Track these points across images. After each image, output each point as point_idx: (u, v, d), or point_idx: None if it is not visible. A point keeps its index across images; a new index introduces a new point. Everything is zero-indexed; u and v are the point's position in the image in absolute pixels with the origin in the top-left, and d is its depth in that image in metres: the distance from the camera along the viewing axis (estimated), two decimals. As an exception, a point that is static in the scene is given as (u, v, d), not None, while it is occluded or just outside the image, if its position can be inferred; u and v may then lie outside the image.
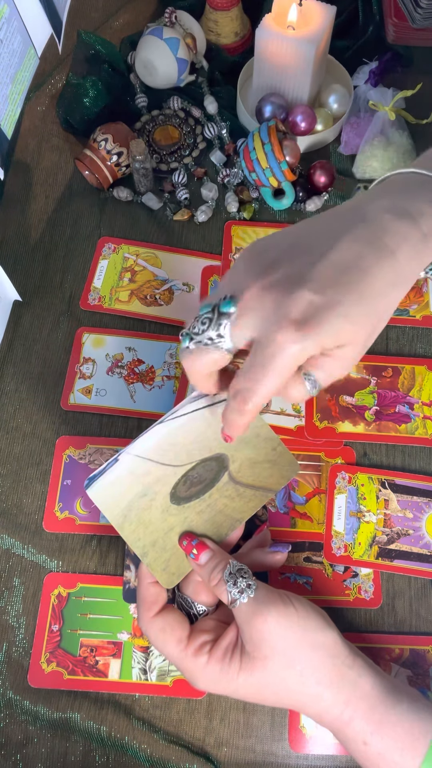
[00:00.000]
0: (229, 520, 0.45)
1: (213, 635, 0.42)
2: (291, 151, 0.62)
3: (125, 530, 0.43)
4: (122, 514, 0.43)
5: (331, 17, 0.63)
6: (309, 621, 0.41)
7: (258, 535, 0.49)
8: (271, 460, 0.46)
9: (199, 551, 0.42)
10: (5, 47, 0.52)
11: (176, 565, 0.43)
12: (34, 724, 0.47)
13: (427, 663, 0.48)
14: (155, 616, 0.42)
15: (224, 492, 0.45)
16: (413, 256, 0.36)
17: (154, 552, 0.43)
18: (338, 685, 0.40)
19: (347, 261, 0.34)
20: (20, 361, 0.59)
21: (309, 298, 0.33)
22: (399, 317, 0.60)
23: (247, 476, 0.46)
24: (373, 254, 0.35)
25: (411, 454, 0.55)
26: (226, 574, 0.41)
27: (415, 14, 0.69)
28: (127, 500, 0.43)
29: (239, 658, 0.40)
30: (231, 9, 0.71)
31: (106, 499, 0.43)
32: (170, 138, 0.69)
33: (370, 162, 0.66)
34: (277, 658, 0.39)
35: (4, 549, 0.52)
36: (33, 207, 0.66)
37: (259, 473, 0.46)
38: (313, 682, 0.40)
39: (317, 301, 0.33)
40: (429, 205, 0.37)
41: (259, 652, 0.40)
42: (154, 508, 0.43)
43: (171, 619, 0.42)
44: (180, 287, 0.62)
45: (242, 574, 0.41)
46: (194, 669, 0.41)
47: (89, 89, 0.67)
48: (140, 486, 0.43)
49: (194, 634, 0.42)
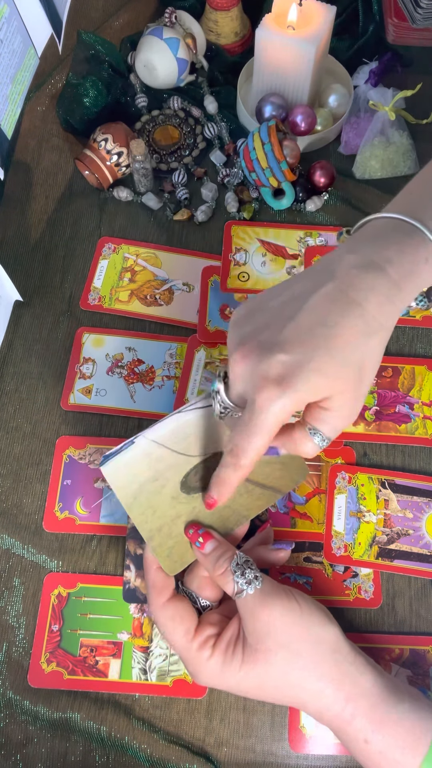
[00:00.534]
0: (236, 515, 0.45)
1: (218, 629, 0.42)
2: (291, 151, 0.62)
3: (134, 511, 0.43)
4: (133, 495, 0.44)
5: (331, 17, 0.63)
6: (312, 616, 0.41)
7: (261, 532, 0.49)
8: (282, 462, 0.47)
9: (204, 540, 0.43)
10: (5, 47, 0.52)
11: (179, 554, 0.43)
12: (34, 724, 0.47)
13: (427, 663, 0.48)
14: (166, 603, 0.43)
15: None
16: (384, 303, 0.38)
17: (159, 537, 0.43)
18: (340, 681, 0.40)
19: (314, 320, 0.37)
20: (20, 361, 0.59)
21: (281, 359, 0.37)
22: (399, 317, 0.60)
23: (257, 474, 0.46)
24: (338, 310, 0.37)
25: (411, 454, 0.55)
26: (233, 565, 0.41)
27: (415, 14, 0.69)
28: (139, 482, 0.44)
29: (242, 650, 0.40)
30: (231, 9, 0.71)
31: (119, 479, 0.44)
32: (170, 138, 0.69)
33: (370, 162, 0.66)
34: (281, 651, 0.40)
35: (4, 549, 0.52)
36: (33, 207, 0.66)
37: (269, 473, 0.46)
38: (315, 677, 0.40)
39: (288, 360, 0.36)
40: (398, 252, 0.38)
41: (262, 644, 0.40)
42: (163, 494, 0.44)
43: (181, 608, 0.43)
44: (180, 287, 0.62)
45: (249, 565, 0.42)
46: (197, 662, 0.41)
47: (89, 89, 0.67)
48: (152, 470, 0.44)
49: (201, 627, 0.42)
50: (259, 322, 0.39)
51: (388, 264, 0.38)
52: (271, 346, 0.37)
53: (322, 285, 0.38)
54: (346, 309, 0.37)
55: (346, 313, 0.37)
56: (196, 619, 0.43)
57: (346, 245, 0.40)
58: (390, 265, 0.38)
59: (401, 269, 0.38)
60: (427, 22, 0.69)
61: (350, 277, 0.38)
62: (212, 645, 0.41)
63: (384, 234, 0.40)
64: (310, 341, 0.37)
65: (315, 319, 0.37)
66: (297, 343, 0.37)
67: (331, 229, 0.64)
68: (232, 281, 0.62)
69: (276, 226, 0.64)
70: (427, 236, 0.38)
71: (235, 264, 0.62)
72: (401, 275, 0.38)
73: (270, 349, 0.37)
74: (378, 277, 0.37)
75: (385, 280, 0.37)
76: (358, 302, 0.37)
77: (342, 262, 0.39)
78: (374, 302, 0.37)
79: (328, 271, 0.39)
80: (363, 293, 0.37)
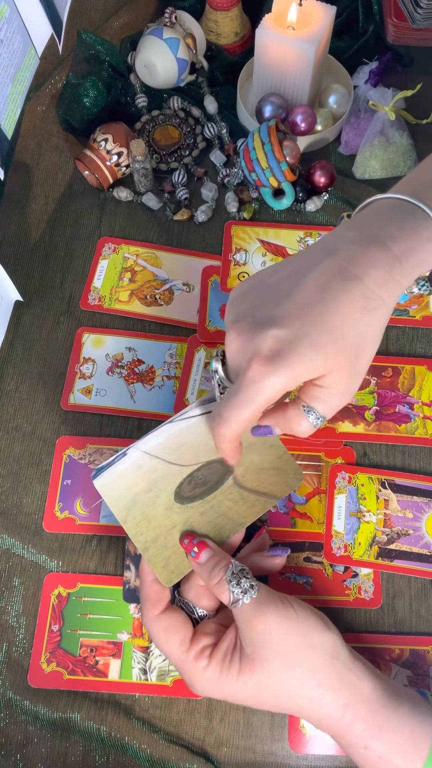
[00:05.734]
0: (231, 524, 0.45)
1: (214, 639, 0.42)
2: (291, 151, 0.62)
3: (128, 523, 0.43)
4: (126, 507, 0.43)
5: (331, 17, 0.63)
6: (308, 623, 0.40)
7: (256, 539, 0.49)
8: (277, 468, 0.47)
9: (199, 550, 0.42)
10: (5, 47, 0.52)
11: (176, 564, 0.43)
12: (34, 724, 0.47)
13: (427, 663, 0.48)
14: (160, 615, 0.42)
15: (228, 495, 0.46)
16: (386, 279, 0.36)
17: (155, 548, 0.43)
18: (338, 687, 0.39)
19: (311, 295, 0.36)
20: (20, 361, 0.59)
21: (274, 334, 0.36)
22: (399, 317, 0.60)
23: (251, 481, 0.46)
24: (337, 284, 0.36)
25: (411, 454, 0.55)
26: (228, 574, 0.41)
27: (415, 14, 0.69)
28: (132, 494, 0.44)
29: (238, 660, 0.40)
30: (231, 9, 0.71)
31: (112, 492, 0.43)
32: (170, 138, 0.69)
33: (370, 162, 0.66)
34: (277, 660, 0.39)
35: (4, 549, 0.52)
36: (33, 207, 0.66)
37: (263, 479, 0.46)
38: (313, 685, 0.39)
39: (283, 335, 0.35)
40: (399, 228, 0.37)
41: (259, 654, 0.40)
42: (158, 505, 0.44)
43: (175, 619, 0.42)
44: (180, 287, 0.62)
45: (245, 574, 0.41)
46: (193, 672, 0.41)
47: (89, 89, 0.67)
48: (146, 482, 0.44)
49: (196, 637, 0.42)
50: (256, 299, 0.38)
51: (389, 239, 0.37)
52: (266, 321, 0.36)
53: (321, 261, 0.37)
54: (346, 284, 0.36)
55: (346, 288, 0.36)
56: (191, 630, 0.42)
57: (347, 224, 0.40)
58: (391, 240, 0.37)
59: (403, 245, 0.37)
60: (427, 22, 0.69)
61: (350, 252, 0.37)
62: (208, 655, 0.41)
63: (385, 213, 0.39)
64: (307, 316, 0.35)
65: (312, 294, 0.36)
66: (292, 319, 0.36)
67: (331, 229, 0.64)
68: (232, 281, 0.62)
69: (276, 226, 0.64)
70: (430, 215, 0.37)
71: (235, 264, 0.62)
72: (403, 250, 0.37)
73: (264, 325, 0.36)
74: (380, 252, 0.36)
75: (386, 254, 0.36)
76: (359, 277, 0.36)
77: (342, 238, 0.38)
78: (375, 277, 0.36)
79: (328, 248, 0.38)
80: (363, 268, 0.36)
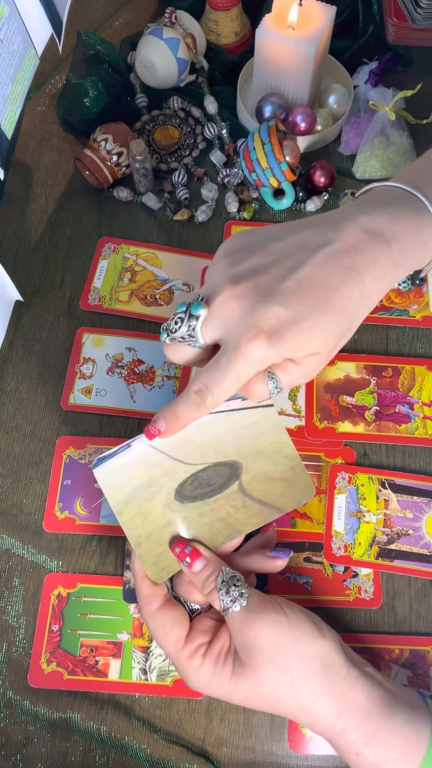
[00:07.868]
0: (228, 529, 0.44)
1: (209, 636, 0.42)
2: (291, 151, 0.62)
3: (124, 516, 0.43)
4: (124, 499, 0.43)
5: (331, 17, 0.63)
6: (301, 630, 0.40)
7: (263, 534, 0.47)
8: (287, 480, 0.45)
9: (192, 559, 0.42)
10: (5, 47, 0.52)
11: (167, 561, 0.43)
12: (34, 724, 0.47)
13: (427, 663, 0.48)
14: (157, 611, 0.42)
15: (230, 500, 0.44)
16: (380, 279, 0.38)
17: (147, 544, 0.43)
18: (330, 696, 0.39)
19: (316, 278, 0.37)
20: (20, 361, 0.59)
21: (276, 311, 0.36)
22: (399, 317, 0.60)
23: (257, 490, 0.44)
24: (342, 274, 0.37)
25: (411, 454, 0.55)
26: (218, 582, 0.41)
27: (415, 14, 0.69)
28: (132, 487, 0.43)
29: (231, 663, 0.40)
30: (231, 9, 0.71)
31: (111, 482, 0.43)
32: (170, 138, 0.69)
33: (370, 162, 0.66)
34: (269, 667, 0.39)
35: (4, 549, 0.52)
36: (33, 207, 0.66)
37: (271, 490, 0.44)
38: (305, 692, 0.39)
39: (284, 315, 0.36)
40: (404, 228, 0.38)
41: (251, 660, 0.39)
42: (156, 501, 0.43)
43: (171, 616, 0.42)
44: (180, 287, 0.62)
45: (234, 581, 0.41)
46: (188, 670, 0.41)
47: (89, 89, 0.67)
48: (147, 476, 0.43)
49: (191, 635, 0.42)
50: (258, 261, 0.38)
51: (394, 240, 0.38)
52: (270, 294, 0.36)
53: (330, 242, 0.38)
54: (349, 275, 0.37)
55: (348, 280, 0.37)
56: (186, 627, 0.42)
57: (358, 206, 0.40)
58: (396, 241, 0.38)
59: (403, 248, 0.38)
60: (427, 22, 0.69)
61: (358, 241, 0.37)
62: (202, 654, 0.41)
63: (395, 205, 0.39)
64: (309, 299, 0.36)
65: (317, 278, 0.37)
66: (296, 298, 0.36)
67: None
68: (232, 281, 0.62)
69: (276, 226, 0.64)
70: None
71: (235, 264, 0.62)
72: (402, 254, 0.38)
73: (268, 297, 0.36)
74: (384, 251, 0.38)
75: (388, 255, 0.38)
76: (360, 271, 0.37)
77: (352, 220, 0.38)
78: (373, 275, 0.37)
79: (337, 227, 0.38)
80: (366, 263, 0.37)
